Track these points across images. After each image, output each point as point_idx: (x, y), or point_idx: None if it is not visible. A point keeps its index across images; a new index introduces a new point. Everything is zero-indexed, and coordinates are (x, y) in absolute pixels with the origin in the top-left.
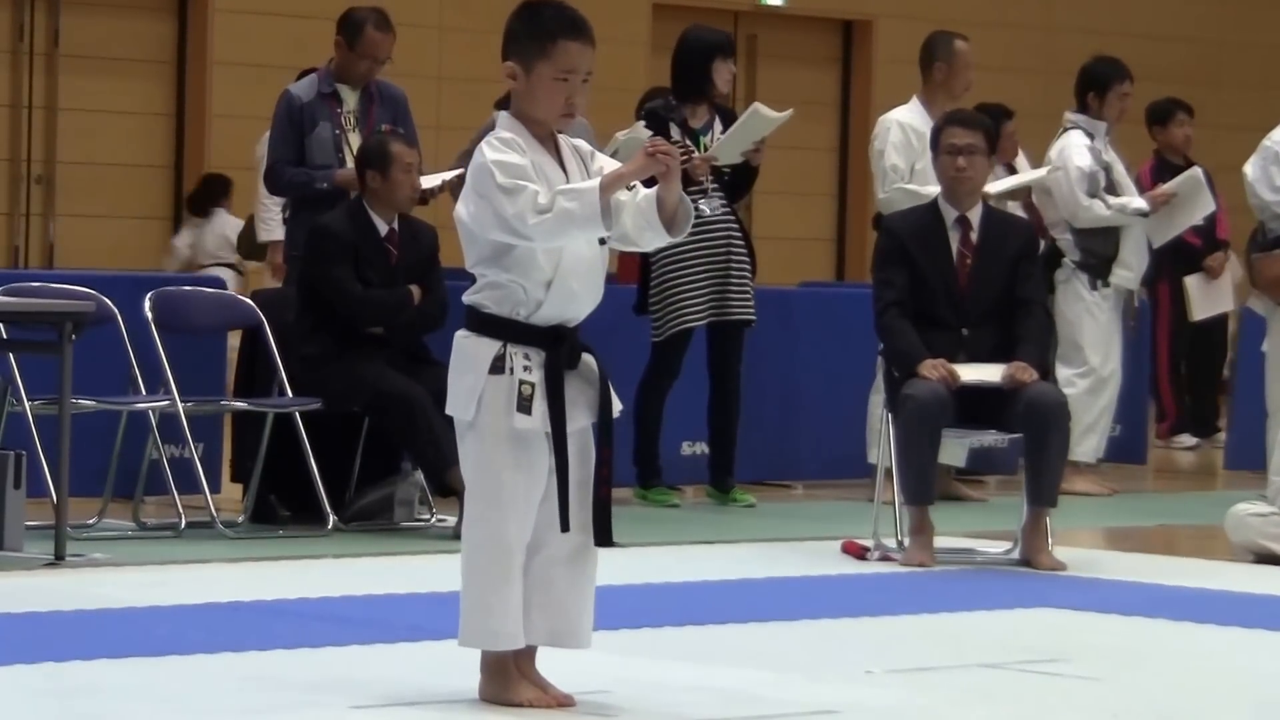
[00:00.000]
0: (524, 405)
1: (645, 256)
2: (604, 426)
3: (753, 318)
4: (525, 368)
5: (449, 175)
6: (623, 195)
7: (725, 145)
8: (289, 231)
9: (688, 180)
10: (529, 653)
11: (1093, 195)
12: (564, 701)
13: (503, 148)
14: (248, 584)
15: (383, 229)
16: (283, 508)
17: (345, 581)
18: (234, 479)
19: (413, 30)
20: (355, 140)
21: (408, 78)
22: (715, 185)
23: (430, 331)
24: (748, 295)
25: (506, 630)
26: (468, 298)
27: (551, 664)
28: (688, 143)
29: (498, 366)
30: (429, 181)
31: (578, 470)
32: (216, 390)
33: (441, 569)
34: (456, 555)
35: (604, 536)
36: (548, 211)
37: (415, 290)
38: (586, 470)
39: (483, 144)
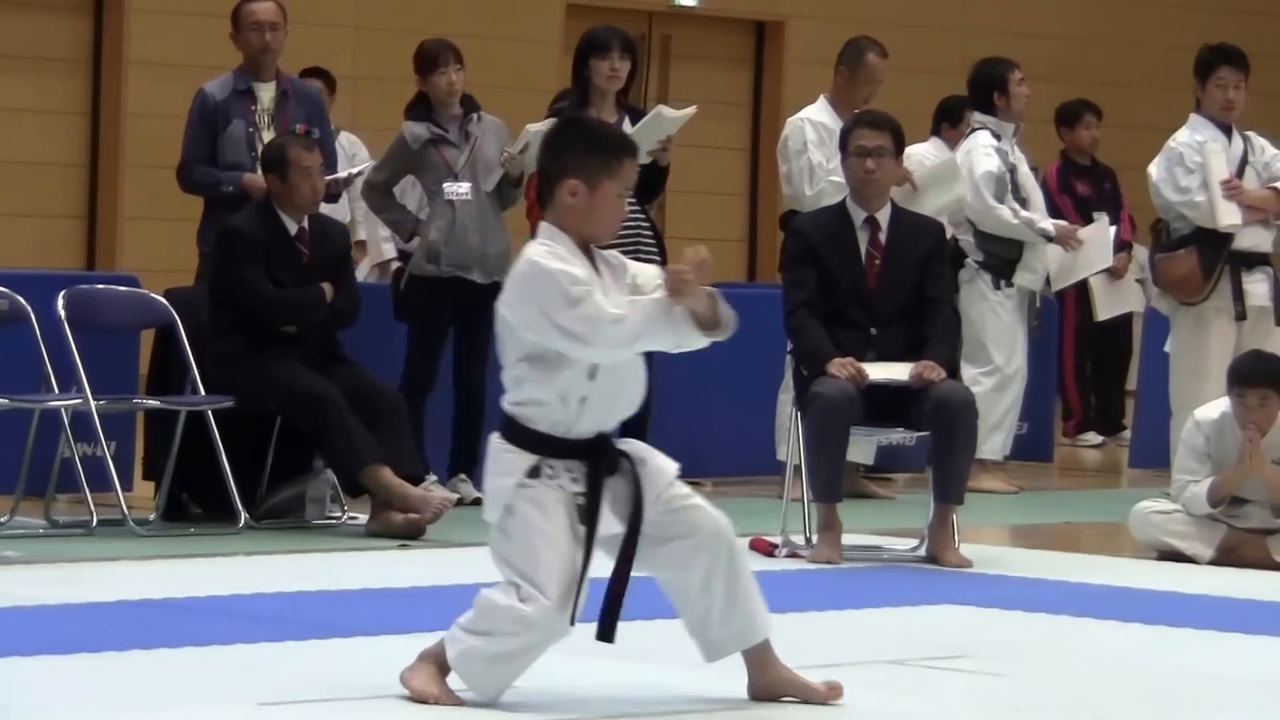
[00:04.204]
0: (583, 517)
1: None
2: (632, 529)
3: None
4: (573, 479)
5: (354, 170)
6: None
7: None
8: (201, 230)
9: None
10: None
11: (1000, 199)
12: (459, 702)
13: (560, 257)
14: (159, 581)
15: (293, 228)
16: (195, 505)
17: (256, 579)
18: (146, 477)
19: (328, 30)
20: (270, 138)
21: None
22: None
23: (343, 329)
24: None
25: (499, 692)
26: (507, 407)
27: None
28: None
29: (532, 474)
30: (339, 175)
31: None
32: (129, 388)
33: (352, 566)
34: (367, 552)
35: (608, 631)
36: (622, 320)
37: (327, 288)
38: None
39: (535, 250)
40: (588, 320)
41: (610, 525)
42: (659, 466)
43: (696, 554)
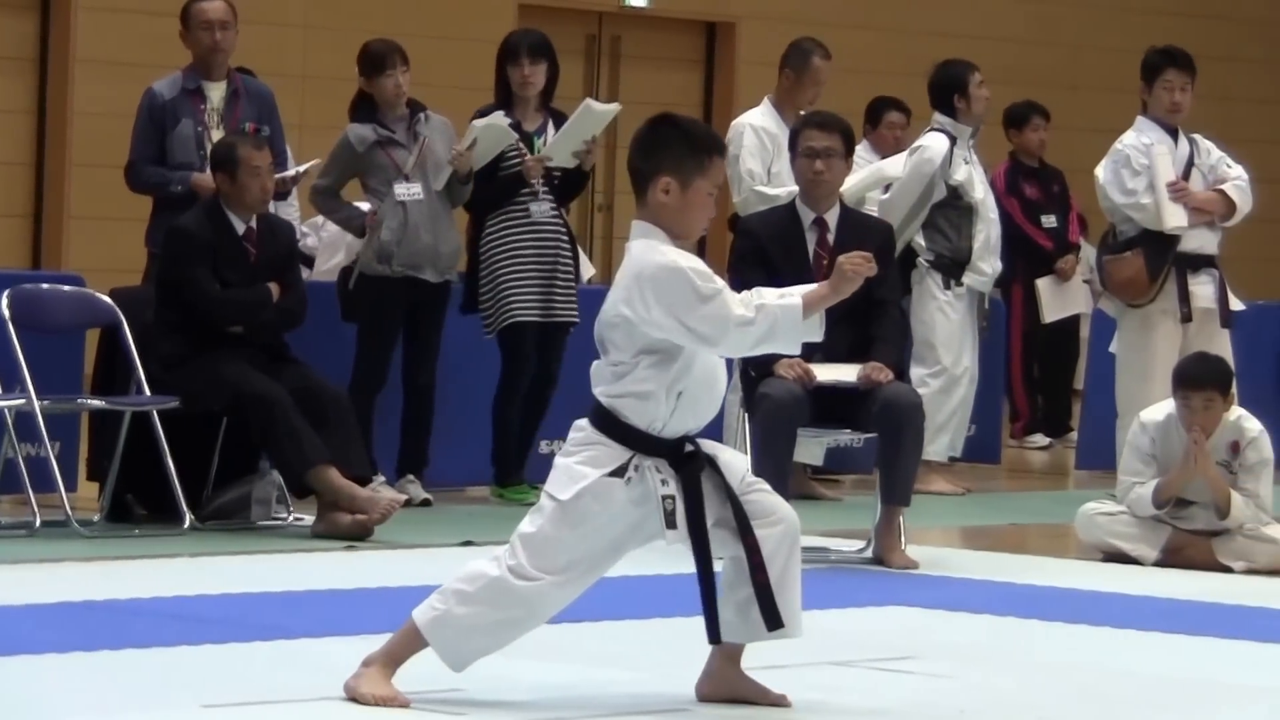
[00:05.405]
0: (670, 520)
1: (475, 254)
2: (738, 516)
3: (576, 320)
4: (663, 481)
5: (303, 167)
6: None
7: (558, 144)
8: (150, 230)
9: (520, 182)
10: None
11: (921, 206)
12: (406, 703)
13: (687, 255)
14: (102, 583)
15: (240, 228)
16: (139, 506)
17: (200, 580)
18: (90, 478)
19: (277, 29)
20: (219, 137)
21: (272, 76)
22: (545, 189)
23: (290, 329)
24: (572, 297)
25: (468, 663)
26: (605, 399)
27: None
28: (521, 145)
29: (618, 472)
30: (287, 173)
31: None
32: (74, 388)
33: (298, 568)
34: (313, 554)
35: (772, 620)
36: (750, 324)
37: (274, 288)
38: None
39: (654, 249)
40: (716, 320)
41: (709, 515)
42: (730, 462)
43: (768, 532)
